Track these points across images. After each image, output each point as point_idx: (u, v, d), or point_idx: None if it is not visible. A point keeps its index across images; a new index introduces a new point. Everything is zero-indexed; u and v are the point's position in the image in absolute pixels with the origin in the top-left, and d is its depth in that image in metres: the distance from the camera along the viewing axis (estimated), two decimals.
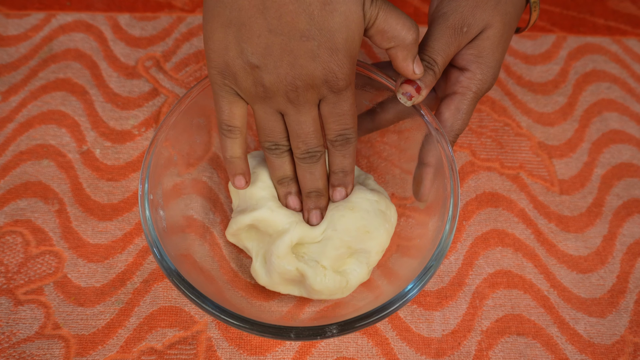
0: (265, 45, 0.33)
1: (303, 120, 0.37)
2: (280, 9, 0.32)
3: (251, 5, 0.32)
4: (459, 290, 0.45)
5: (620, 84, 0.56)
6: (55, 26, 0.55)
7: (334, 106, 0.36)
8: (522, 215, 0.49)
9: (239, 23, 0.33)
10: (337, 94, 0.36)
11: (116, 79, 0.53)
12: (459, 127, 0.40)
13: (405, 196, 0.46)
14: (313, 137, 0.38)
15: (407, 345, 0.43)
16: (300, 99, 0.35)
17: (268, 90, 0.35)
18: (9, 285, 0.44)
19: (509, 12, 0.39)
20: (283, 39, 0.33)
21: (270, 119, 0.37)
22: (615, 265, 0.47)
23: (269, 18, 0.32)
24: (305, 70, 0.34)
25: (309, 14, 0.32)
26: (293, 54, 0.33)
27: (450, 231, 0.37)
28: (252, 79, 0.35)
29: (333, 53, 0.34)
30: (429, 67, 0.38)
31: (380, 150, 0.48)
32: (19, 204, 0.47)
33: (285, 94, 0.35)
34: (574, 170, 0.51)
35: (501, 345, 0.44)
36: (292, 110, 0.36)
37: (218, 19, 0.33)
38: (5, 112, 0.51)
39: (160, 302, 0.44)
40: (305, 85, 0.35)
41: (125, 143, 0.50)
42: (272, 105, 0.36)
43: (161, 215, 0.39)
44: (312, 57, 0.33)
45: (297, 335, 0.35)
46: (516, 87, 0.55)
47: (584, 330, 0.44)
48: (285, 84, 0.34)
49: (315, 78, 0.34)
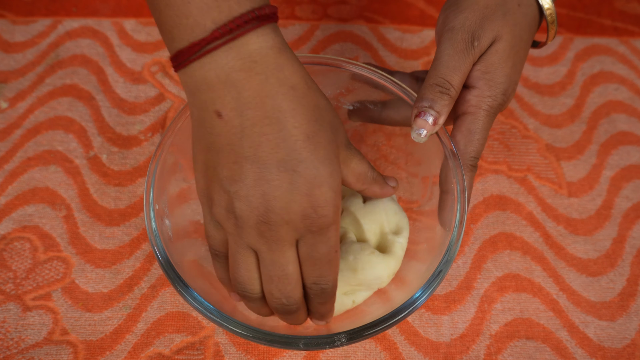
0: (239, 171, 0.31)
1: (277, 260, 0.32)
2: (260, 138, 0.30)
3: (230, 133, 0.31)
4: (467, 294, 0.45)
5: (628, 85, 0.55)
6: (62, 32, 0.55)
7: (311, 248, 0.32)
8: (530, 218, 0.48)
9: (217, 148, 0.31)
10: (316, 235, 0.32)
11: (122, 84, 0.53)
12: (474, 149, 0.38)
13: (412, 199, 0.45)
14: (288, 284, 0.33)
15: (415, 350, 0.43)
16: (273, 235, 0.31)
17: (239, 220, 0.31)
18: (17, 291, 0.44)
19: (518, 23, 0.37)
20: (258, 166, 0.30)
21: (241, 254, 0.33)
22: (625, 268, 0.47)
23: (246, 146, 0.30)
24: (280, 203, 0.31)
25: (291, 145, 0.30)
26: (268, 184, 0.30)
27: (458, 237, 0.37)
28: (225, 204, 0.32)
29: (315, 187, 0.31)
30: (444, 92, 0.36)
31: (386, 153, 0.48)
32: (27, 210, 0.47)
33: (256, 226, 0.31)
34: (582, 172, 0.51)
35: (510, 349, 0.43)
36: (264, 247, 0.32)
37: (200, 143, 0.32)
38: (13, 118, 0.51)
39: (167, 308, 0.44)
40: (279, 220, 0.31)
41: (131, 148, 0.50)
42: (244, 238, 0.32)
43: (167, 224, 0.39)
44: (289, 190, 0.30)
45: (306, 345, 0.35)
46: (523, 89, 0.55)
47: (594, 334, 0.44)
48: (256, 214, 0.31)
49: (291, 212, 0.31)
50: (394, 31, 0.57)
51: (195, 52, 0.30)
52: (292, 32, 0.57)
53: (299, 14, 0.58)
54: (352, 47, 0.56)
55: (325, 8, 0.58)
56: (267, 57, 0.31)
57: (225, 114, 0.31)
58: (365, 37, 0.57)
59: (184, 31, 0.30)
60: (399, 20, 0.58)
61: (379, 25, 0.58)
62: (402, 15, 0.58)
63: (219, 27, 0.30)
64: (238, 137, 0.31)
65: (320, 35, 0.57)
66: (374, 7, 0.59)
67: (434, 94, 0.36)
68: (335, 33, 0.57)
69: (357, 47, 0.56)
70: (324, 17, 0.58)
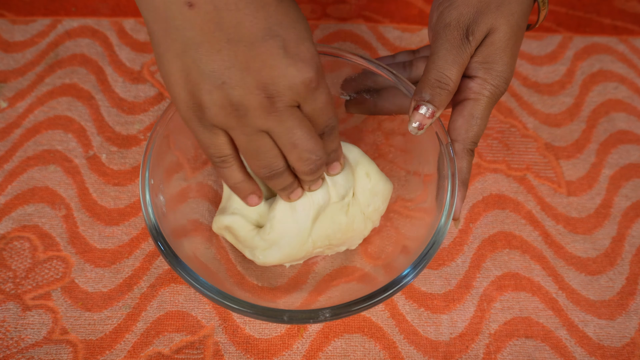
0: (227, 57, 0.30)
1: (290, 126, 0.33)
2: (237, 14, 0.30)
3: (205, 21, 0.30)
4: (466, 293, 0.45)
5: (628, 84, 0.55)
6: (61, 32, 0.55)
7: (315, 102, 0.33)
8: (530, 217, 0.48)
9: (195, 44, 0.30)
10: (315, 89, 0.32)
11: (122, 83, 0.53)
12: (474, 133, 0.38)
13: (411, 197, 0.45)
14: (310, 140, 0.34)
15: (414, 349, 0.43)
16: (279, 106, 0.32)
17: (240, 109, 0.31)
18: (17, 291, 0.44)
19: (514, 13, 0.38)
20: (245, 44, 0.30)
21: (255, 140, 0.33)
22: (625, 267, 0.47)
23: (226, 28, 0.30)
24: (277, 72, 0.31)
25: (267, 11, 0.30)
26: (260, 57, 0.30)
27: (447, 218, 0.38)
28: (220, 100, 0.31)
29: (300, 44, 0.31)
30: (443, 86, 0.37)
31: (385, 152, 0.48)
32: (27, 209, 0.47)
33: (260, 106, 0.31)
34: (581, 171, 0.51)
35: (509, 348, 0.43)
36: (273, 122, 0.32)
37: (172, 50, 0.31)
38: (12, 117, 0.51)
39: (167, 307, 0.44)
40: (281, 89, 0.31)
41: (131, 148, 0.50)
42: (251, 124, 0.32)
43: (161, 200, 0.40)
44: (282, 55, 0.31)
45: (290, 318, 0.35)
46: (522, 88, 0.55)
47: (594, 333, 0.44)
48: (256, 94, 0.31)
49: (289, 77, 0.31)
50: (393, 30, 0.57)
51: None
52: None
53: None
54: (352, 47, 0.56)
55: (324, 7, 0.58)
56: None
57: (196, 1, 0.30)
58: (364, 36, 0.57)
59: None
60: (398, 20, 0.58)
61: (378, 25, 0.58)
62: (401, 14, 0.58)
63: None
64: (215, 22, 0.30)
65: (319, 34, 0.57)
66: (373, 6, 0.59)
67: (433, 88, 0.37)
68: (334, 32, 0.57)
69: (357, 46, 0.56)
70: (323, 17, 0.58)
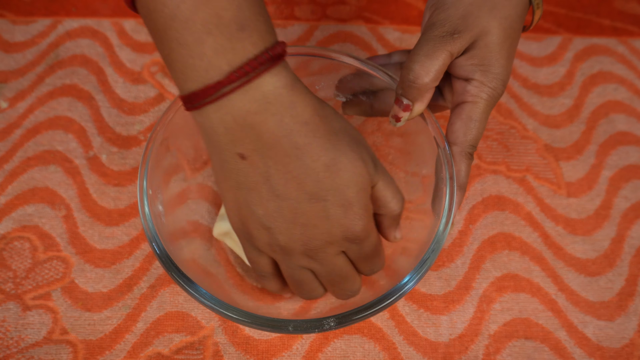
0: (275, 209, 0.32)
1: (331, 270, 0.35)
2: (286, 176, 0.31)
3: (255, 173, 0.32)
4: (466, 294, 0.45)
5: (627, 85, 0.55)
6: (62, 32, 0.55)
7: (359, 252, 0.35)
8: (529, 219, 0.48)
9: (247, 188, 0.32)
10: (360, 243, 0.34)
11: (122, 84, 0.53)
12: (473, 136, 0.38)
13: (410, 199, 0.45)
14: (348, 281, 0.36)
15: (414, 350, 0.43)
16: (321, 256, 0.34)
17: (285, 250, 0.34)
18: (17, 291, 0.44)
19: (509, 16, 0.37)
20: (292, 202, 0.32)
21: (297, 274, 0.36)
22: (624, 268, 0.47)
23: (274, 185, 0.32)
24: (320, 230, 0.33)
25: (314, 177, 0.32)
26: (305, 216, 0.32)
27: (446, 224, 0.37)
28: (267, 239, 0.34)
29: (347, 209, 0.33)
30: (412, 82, 0.36)
31: (385, 153, 0.48)
32: (27, 209, 0.47)
33: (304, 253, 0.34)
34: (581, 172, 0.51)
35: (509, 349, 0.43)
36: (316, 265, 0.35)
37: (228, 181, 0.33)
38: (13, 118, 0.51)
39: (167, 307, 0.44)
40: (322, 244, 0.34)
41: (131, 148, 0.50)
42: (295, 262, 0.35)
43: (161, 211, 0.39)
44: (325, 217, 0.33)
45: (295, 329, 0.35)
46: (522, 89, 0.55)
47: (593, 334, 0.44)
48: (300, 244, 0.33)
49: (332, 235, 0.33)
50: (393, 31, 0.57)
51: (211, 95, 0.30)
52: (291, 32, 0.57)
53: (298, 15, 0.58)
54: (352, 48, 0.56)
55: (324, 8, 0.58)
56: (281, 96, 0.31)
57: (248, 155, 0.31)
58: (364, 38, 0.57)
59: (197, 72, 0.29)
60: (398, 21, 0.58)
61: (378, 26, 0.58)
62: (401, 15, 0.58)
63: (234, 70, 0.29)
64: (265, 177, 0.32)
65: (319, 35, 0.57)
66: (373, 7, 0.59)
67: (404, 82, 0.37)
68: (334, 33, 0.57)
69: (357, 47, 0.56)
70: (323, 18, 0.58)
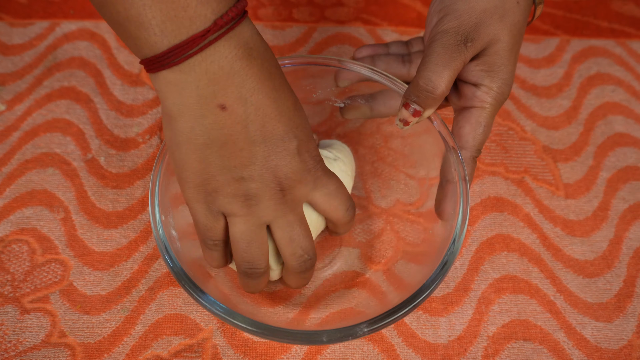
0: (249, 156, 0.33)
1: (292, 220, 0.36)
2: (263, 119, 0.32)
3: (234, 123, 0.32)
4: (464, 296, 0.45)
5: (625, 86, 0.56)
6: (60, 35, 0.55)
7: (326, 187, 0.36)
8: (528, 220, 0.49)
9: (220, 142, 0.32)
10: (323, 176, 0.36)
11: (120, 86, 0.53)
12: (480, 140, 0.39)
13: (411, 202, 0.46)
14: (306, 237, 0.36)
15: (413, 352, 0.43)
16: (290, 198, 0.35)
17: (252, 199, 0.34)
18: (15, 294, 0.44)
19: (517, 22, 0.38)
20: (267, 145, 0.33)
21: (254, 232, 0.35)
22: (622, 270, 0.47)
23: (252, 131, 0.32)
24: (291, 168, 0.34)
25: (287, 114, 0.33)
26: (277, 157, 0.33)
27: (463, 220, 0.38)
28: (235, 192, 0.34)
29: (309, 143, 0.35)
30: (429, 92, 0.37)
31: (384, 155, 0.48)
32: (25, 212, 0.47)
33: (272, 197, 0.34)
34: (579, 174, 0.51)
35: (507, 351, 0.43)
36: (279, 212, 0.35)
37: (194, 142, 0.33)
38: (11, 120, 0.51)
39: (165, 310, 0.44)
40: (293, 183, 0.34)
41: (129, 151, 0.50)
42: (257, 214, 0.35)
43: (170, 221, 0.39)
44: (295, 153, 0.34)
45: (329, 339, 0.34)
46: (520, 90, 0.55)
47: (591, 335, 0.44)
48: (271, 187, 0.34)
49: (299, 171, 0.34)
50: (391, 33, 0.57)
51: (198, 45, 0.29)
52: (289, 34, 0.57)
53: (297, 16, 0.58)
54: (350, 50, 0.56)
55: (322, 10, 0.58)
56: (258, 41, 0.32)
57: (230, 104, 0.31)
58: (362, 39, 0.57)
59: (180, 23, 0.29)
60: (396, 22, 0.58)
61: (376, 28, 0.58)
62: (400, 17, 0.58)
63: (220, 16, 0.30)
64: (243, 124, 0.32)
65: (317, 37, 0.57)
66: (372, 9, 0.59)
67: (420, 91, 0.37)
68: (332, 35, 0.57)
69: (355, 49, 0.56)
70: (322, 20, 0.58)
